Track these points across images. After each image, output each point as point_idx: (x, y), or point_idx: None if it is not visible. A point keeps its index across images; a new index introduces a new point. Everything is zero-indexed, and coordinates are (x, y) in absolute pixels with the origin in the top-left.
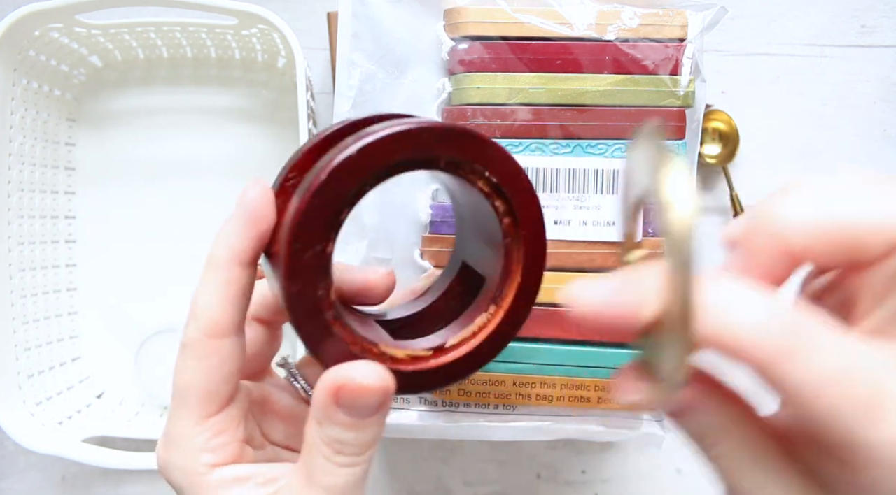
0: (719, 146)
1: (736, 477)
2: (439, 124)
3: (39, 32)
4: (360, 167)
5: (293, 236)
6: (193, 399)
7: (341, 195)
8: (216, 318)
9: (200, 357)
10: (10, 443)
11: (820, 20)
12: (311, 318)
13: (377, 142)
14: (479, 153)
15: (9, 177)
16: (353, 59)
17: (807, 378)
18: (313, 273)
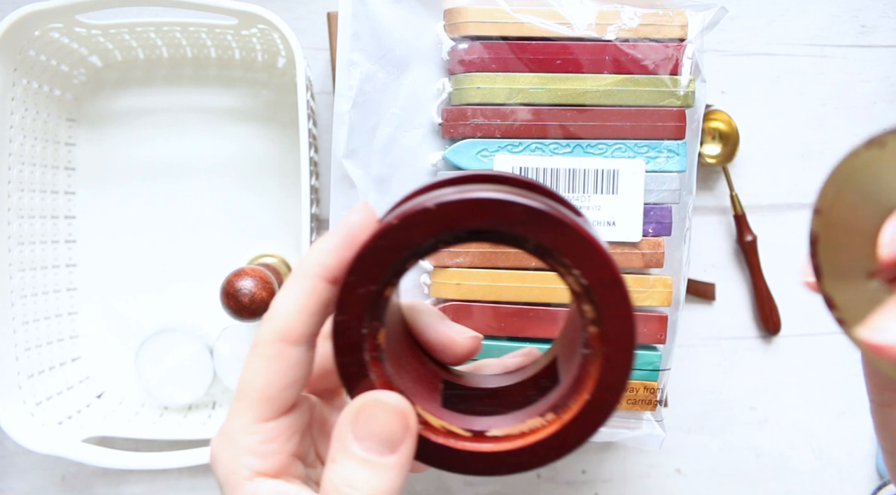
0: (719, 146)
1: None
2: (531, 201)
3: (39, 32)
4: (435, 222)
5: (351, 268)
6: (252, 399)
7: (410, 244)
8: (290, 325)
9: (267, 358)
10: (10, 443)
11: (820, 20)
12: (350, 353)
13: (456, 203)
14: (572, 247)
15: (9, 177)
16: (353, 59)
17: None
18: (362, 309)
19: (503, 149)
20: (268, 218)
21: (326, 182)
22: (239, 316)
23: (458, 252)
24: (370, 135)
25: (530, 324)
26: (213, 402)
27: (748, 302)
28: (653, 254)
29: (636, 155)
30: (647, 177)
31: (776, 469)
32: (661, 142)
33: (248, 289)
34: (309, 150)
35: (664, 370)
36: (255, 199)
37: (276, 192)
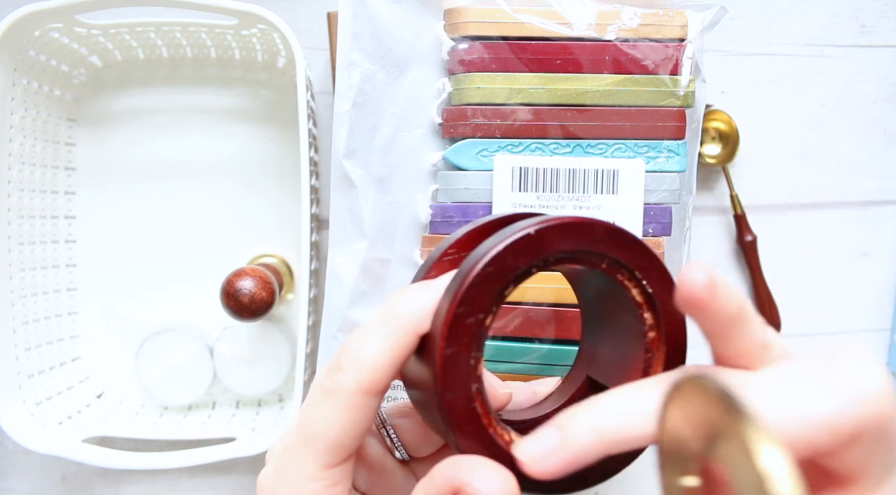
0: (719, 146)
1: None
2: (609, 223)
3: (39, 32)
4: (534, 247)
5: (461, 299)
6: (324, 446)
7: (512, 270)
8: (378, 378)
9: (347, 409)
10: (10, 443)
11: (820, 20)
12: (459, 386)
13: (554, 227)
14: (641, 261)
15: (9, 177)
16: (353, 59)
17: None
18: (471, 339)
19: (503, 149)
20: (268, 218)
21: (326, 182)
22: (239, 316)
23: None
24: (370, 135)
25: (530, 323)
26: (213, 402)
27: None
28: None
29: (636, 155)
30: (647, 177)
31: None
32: (661, 142)
33: (248, 289)
34: (309, 150)
35: None
36: (255, 199)
37: (276, 192)
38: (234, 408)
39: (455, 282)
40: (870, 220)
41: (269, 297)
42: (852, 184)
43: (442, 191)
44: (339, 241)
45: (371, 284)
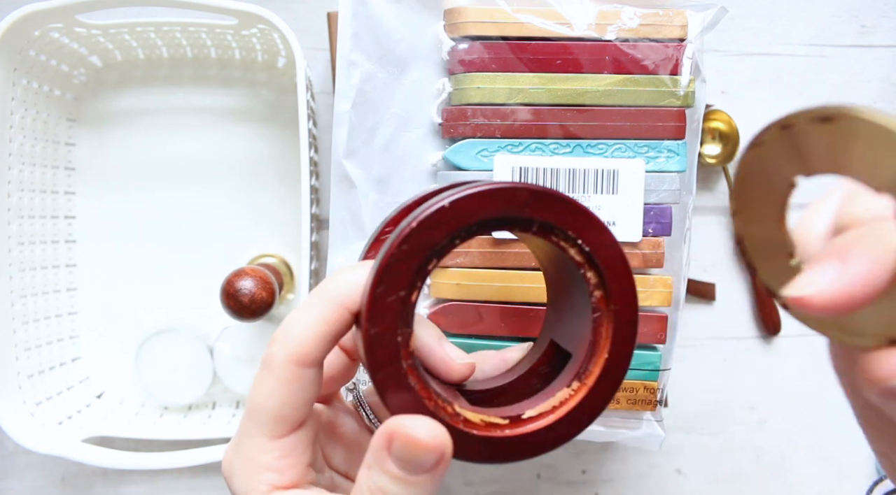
0: (719, 146)
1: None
2: (534, 186)
3: (39, 32)
4: (451, 219)
5: (378, 279)
6: (267, 418)
7: (430, 245)
8: (307, 349)
9: (282, 381)
10: (10, 443)
11: (820, 20)
12: (387, 364)
13: (470, 197)
14: (573, 220)
15: (9, 177)
16: (353, 59)
17: None
18: (394, 318)
19: (503, 149)
20: (268, 218)
21: (326, 182)
22: (239, 316)
23: (459, 252)
24: (370, 135)
25: (530, 323)
26: (213, 402)
27: (748, 302)
28: (653, 254)
29: (636, 155)
30: (647, 177)
31: (776, 469)
32: (661, 142)
33: (248, 289)
34: (309, 150)
35: (664, 370)
36: (255, 199)
37: (276, 192)
38: (234, 408)
39: (376, 262)
40: None
41: (269, 297)
42: None
43: None
44: (339, 241)
45: None
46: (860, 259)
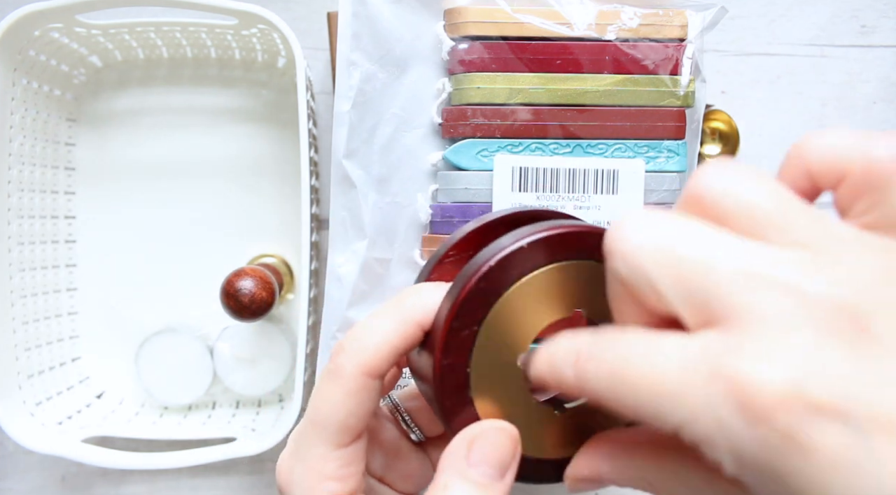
0: (719, 146)
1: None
2: (603, 230)
3: (39, 32)
4: (529, 259)
5: (455, 313)
6: (333, 428)
7: (506, 283)
8: (379, 362)
9: (351, 392)
10: (10, 443)
11: (820, 20)
12: (455, 394)
13: (547, 240)
14: None
15: (9, 177)
16: (353, 59)
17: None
18: (466, 350)
19: (503, 149)
20: (268, 218)
21: (326, 182)
22: (239, 316)
23: None
24: (370, 135)
25: None
26: (213, 402)
27: None
28: None
29: (636, 155)
30: (647, 177)
31: None
32: (661, 142)
33: (248, 289)
34: (309, 150)
35: None
36: (255, 199)
37: (276, 192)
38: (234, 408)
39: (451, 293)
40: None
41: (269, 297)
42: None
43: (442, 191)
44: (339, 241)
45: (371, 284)
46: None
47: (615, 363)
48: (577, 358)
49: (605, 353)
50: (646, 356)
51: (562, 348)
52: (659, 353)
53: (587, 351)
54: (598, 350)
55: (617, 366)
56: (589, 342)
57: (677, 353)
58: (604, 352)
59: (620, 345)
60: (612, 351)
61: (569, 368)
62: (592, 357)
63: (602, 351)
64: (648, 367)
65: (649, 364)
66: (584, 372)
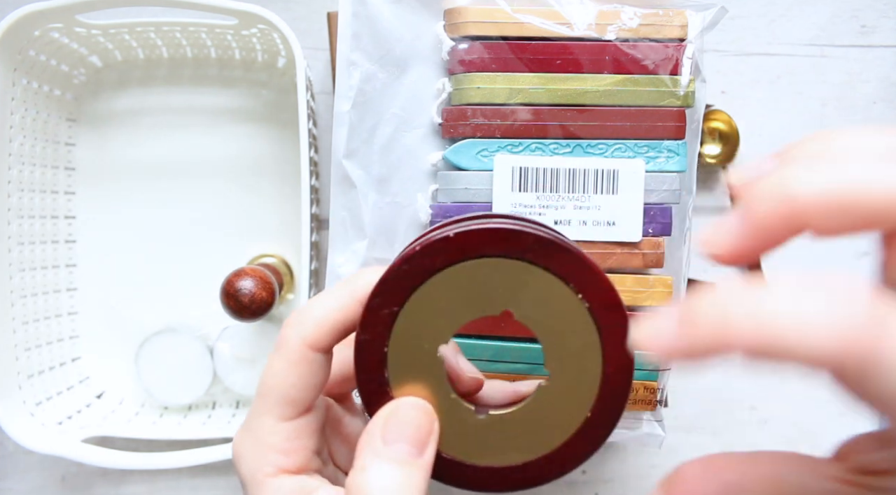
0: (719, 146)
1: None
2: (542, 232)
3: (39, 32)
4: (454, 250)
5: (376, 290)
6: (275, 399)
7: (429, 269)
8: (320, 334)
9: (292, 362)
10: (10, 443)
11: (820, 20)
12: (371, 371)
13: (475, 232)
14: (576, 273)
15: (9, 177)
16: (353, 59)
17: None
18: (384, 329)
19: (503, 149)
20: (268, 218)
21: (326, 182)
22: (239, 316)
23: None
24: (370, 135)
25: None
26: (213, 402)
27: None
28: (653, 254)
29: (636, 155)
30: (647, 177)
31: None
32: (661, 142)
33: (248, 289)
34: (309, 150)
35: (664, 370)
36: (255, 199)
37: (276, 192)
38: (234, 408)
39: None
40: None
41: (269, 297)
42: None
43: (442, 191)
44: (339, 241)
45: None
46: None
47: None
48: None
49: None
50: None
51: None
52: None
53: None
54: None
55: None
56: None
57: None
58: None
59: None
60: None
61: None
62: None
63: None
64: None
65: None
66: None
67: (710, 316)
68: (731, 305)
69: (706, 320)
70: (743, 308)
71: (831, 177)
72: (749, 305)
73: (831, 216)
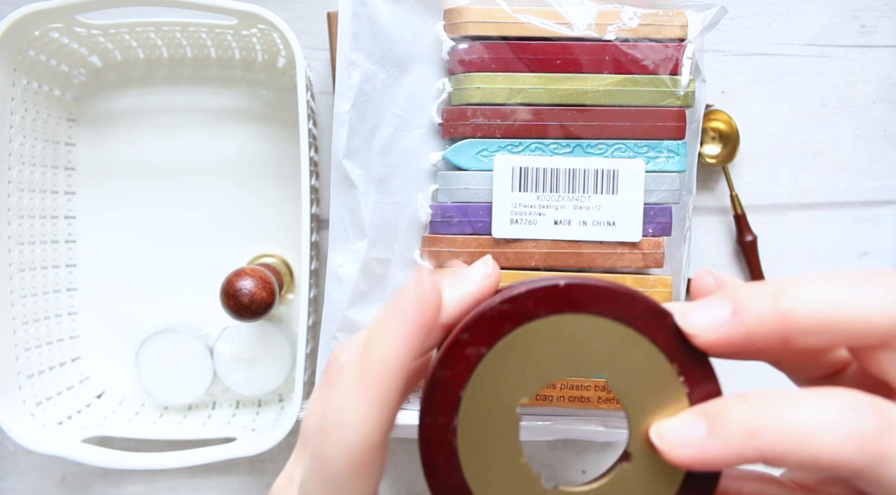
0: (719, 146)
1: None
2: (654, 303)
3: (39, 32)
4: (558, 299)
5: (466, 325)
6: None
7: (530, 314)
8: (365, 445)
9: (336, 490)
10: (10, 443)
11: (820, 20)
12: (441, 414)
13: (587, 287)
14: (686, 356)
15: (9, 177)
16: (353, 59)
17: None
18: (467, 371)
19: (503, 149)
20: (268, 218)
21: (326, 182)
22: (239, 316)
23: (458, 252)
24: (370, 135)
25: None
26: (213, 402)
27: None
28: (653, 254)
29: (636, 155)
30: (647, 177)
31: (776, 469)
32: (661, 143)
33: (248, 289)
34: (309, 150)
35: None
36: (255, 199)
37: (276, 192)
38: (234, 408)
39: (471, 312)
40: (870, 220)
41: (269, 297)
42: (852, 184)
43: (442, 191)
44: (339, 241)
45: (371, 284)
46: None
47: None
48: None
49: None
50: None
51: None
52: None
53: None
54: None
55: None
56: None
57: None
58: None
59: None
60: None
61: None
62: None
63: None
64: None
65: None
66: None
67: (741, 424)
68: (761, 416)
69: (737, 429)
70: (773, 419)
71: (824, 298)
72: (778, 416)
73: (819, 336)
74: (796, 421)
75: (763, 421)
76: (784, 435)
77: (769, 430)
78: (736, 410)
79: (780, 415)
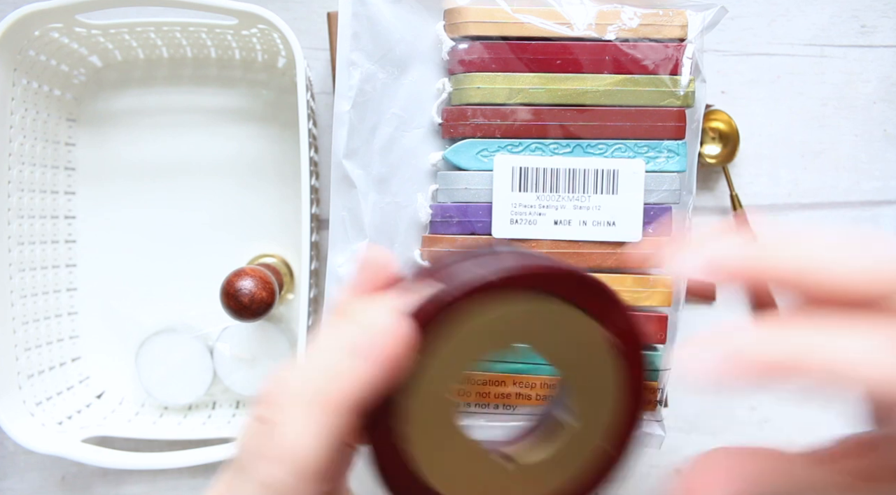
0: (719, 146)
1: None
2: (580, 273)
3: (39, 32)
4: (496, 288)
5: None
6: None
7: (433, 317)
8: (315, 465)
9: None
10: (10, 443)
11: (820, 20)
12: (386, 420)
13: (518, 275)
14: (609, 316)
15: (9, 177)
16: (353, 59)
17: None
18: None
19: (503, 149)
20: (268, 218)
21: (326, 182)
22: (239, 316)
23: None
24: (370, 135)
25: None
26: (213, 402)
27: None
28: (653, 255)
29: (636, 155)
30: (647, 177)
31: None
32: (661, 142)
33: (248, 289)
34: (309, 150)
35: (664, 370)
36: (255, 199)
37: (276, 192)
38: (234, 408)
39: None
40: (870, 220)
41: (269, 297)
42: (852, 184)
43: (442, 191)
44: (339, 241)
45: None
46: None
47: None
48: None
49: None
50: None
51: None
52: None
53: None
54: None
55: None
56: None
57: None
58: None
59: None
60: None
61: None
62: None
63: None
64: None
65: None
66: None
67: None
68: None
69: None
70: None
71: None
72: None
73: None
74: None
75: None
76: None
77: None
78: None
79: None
